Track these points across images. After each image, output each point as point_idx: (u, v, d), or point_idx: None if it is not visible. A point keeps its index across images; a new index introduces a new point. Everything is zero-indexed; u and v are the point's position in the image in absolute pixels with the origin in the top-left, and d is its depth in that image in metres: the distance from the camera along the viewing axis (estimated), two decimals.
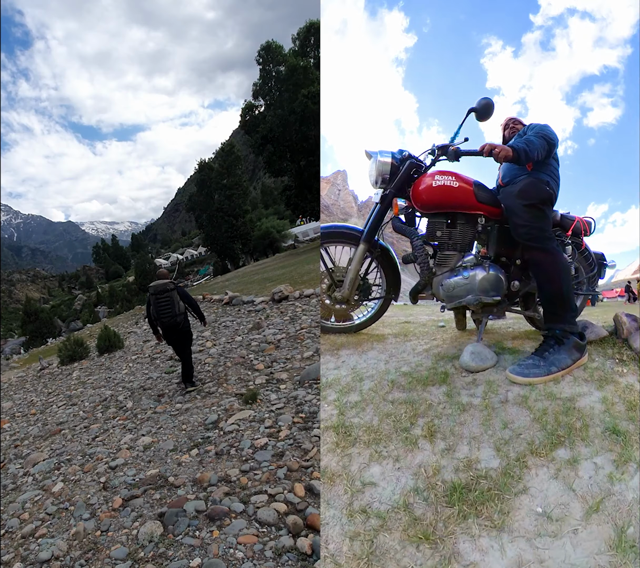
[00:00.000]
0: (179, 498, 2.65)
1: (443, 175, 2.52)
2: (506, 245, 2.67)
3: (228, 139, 50.77)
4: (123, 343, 8.83)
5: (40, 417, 5.51)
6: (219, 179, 36.74)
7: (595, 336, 2.69)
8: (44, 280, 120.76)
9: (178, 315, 4.68)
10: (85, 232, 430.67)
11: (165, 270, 5.12)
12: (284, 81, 26.84)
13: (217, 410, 3.95)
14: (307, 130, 25.20)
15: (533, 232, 2.39)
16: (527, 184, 2.53)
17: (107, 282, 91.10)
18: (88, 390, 6.19)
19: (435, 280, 2.77)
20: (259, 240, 39.29)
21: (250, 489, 2.60)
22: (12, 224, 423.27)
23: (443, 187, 2.51)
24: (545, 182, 2.61)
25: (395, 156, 2.67)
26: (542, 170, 2.65)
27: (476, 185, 2.58)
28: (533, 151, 2.44)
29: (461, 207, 2.57)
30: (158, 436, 3.75)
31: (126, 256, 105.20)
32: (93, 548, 2.41)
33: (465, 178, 2.56)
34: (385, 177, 2.67)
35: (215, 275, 37.78)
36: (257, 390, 4.08)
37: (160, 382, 5.52)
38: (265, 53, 28.09)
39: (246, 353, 5.47)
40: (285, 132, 26.16)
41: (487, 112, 2.42)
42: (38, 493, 3.30)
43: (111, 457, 3.57)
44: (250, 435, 3.25)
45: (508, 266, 2.72)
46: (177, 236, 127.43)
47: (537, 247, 2.40)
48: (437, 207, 2.58)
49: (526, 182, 2.55)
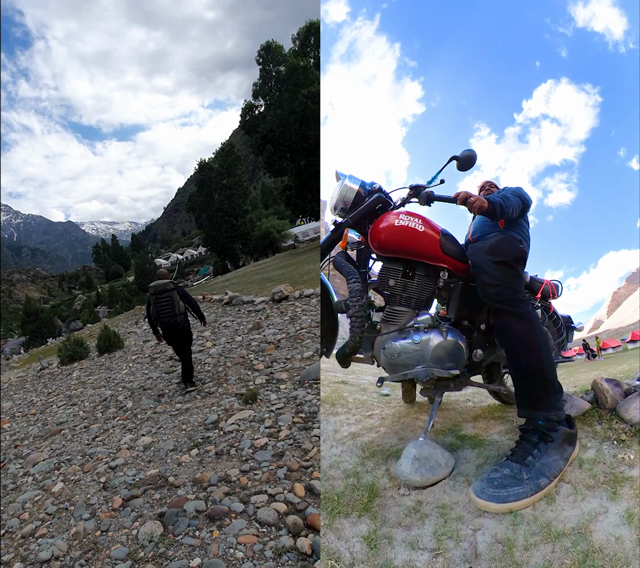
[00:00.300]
0: (179, 498, 2.65)
1: (409, 216, 2.16)
2: (470, 306, 2.29)
3: (228, 139, 50.78)
4: (123, 343, 8.83)
5: (40, 417, 5.51)
6: (219, 179, 36.73)
7: (577, 411, 2.18)
8: (44, 280, 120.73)
9: (178, 315, 4.68)
10: (85, 232, 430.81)
11: (165, 270, 5.12)
12: (284, 81, 26.84)
13: (217, 410, 3.94)
14: (307, 130, 25.20)
15: (505, 293, 2.04)
16: (499, 240, 2.27)
17: (107, 282, 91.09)
18: (88, 390, 6.19)
19: (377, 340, 2.23)
20: (259, 240, 39.29)
21: (250, 489, 2.60)
22: (12, 224, 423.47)
23: (406, 229, 2.12)
24: (518, 240, 2.40)
25: (365, 186, 2.31)
26: (515, 230, 2.47)
27: (444, 234, 2.22)
28: (508, 207, 2.25)
29: (423, 256, 2.18)
30: (158, 436, 3.74)
31: (126, 256, 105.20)
32: (93, 548, 2.41)
33: (433, 224, 2.21)
34: (347, 205, 2.28)
35: (215, 275, 37.78)
36: (257, 390, 4.08)
37: (160, 382, 5.52)
38: (265, 53, 28.11)
39: (246, 353, 5.47)
40: (285, 132, 26.16)
41: (469, 163, 2.18)
42: (38, 493, 3.29)
43: (111, 457, 3.57)
44: (250, 435, 3.25)
45: (471, 331, 2.30)
46: (177, 236, 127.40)
47: (509, 310, 2.02)
48: (395, 250, 2.17)
49: (498, 239, 2.30)
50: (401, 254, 2.19)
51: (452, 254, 2.24)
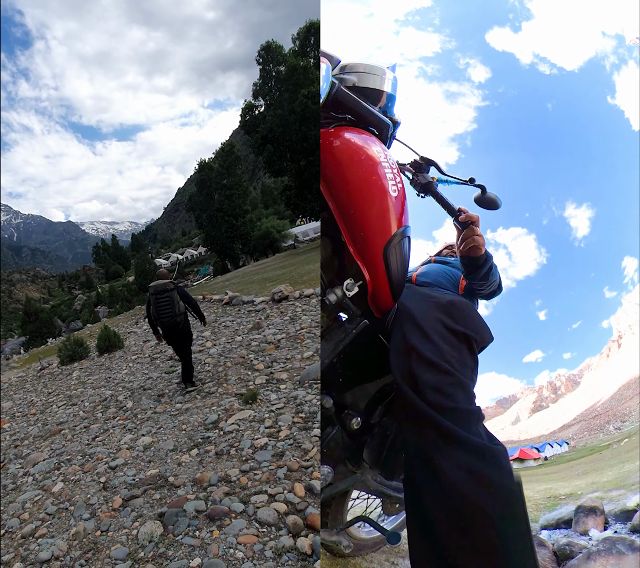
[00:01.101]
0: (179, 498, 2.65)
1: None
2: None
3: (228, 139, 50.79)
4: (123, 343, 8.83)
5: (40, 417, 5.51)
6: (219, 179, 36.74)
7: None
8: (44, 280, 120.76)
9: (178, 315, 4.68)
10: (85, 232, 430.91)
11: (165, 270, 5.12)
12: (284, 81, 26.85)
13: (217, 410, 3.94)
14: (307, 130, 25.20)
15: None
16: (462, 302, 1.52)
17: (107, 282, 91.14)
18: (88, 390, 6.19)
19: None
20: (259, 240, 39.31)
21: (250, 489, 2.60)
22: (12, 224, 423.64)
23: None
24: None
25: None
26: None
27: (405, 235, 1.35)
28: (496, 274, 1.63)
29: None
30: (158, 436, 3.75)
31: (126, 256, 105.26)
32: (93, 548, 2.41)
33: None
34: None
35: (215, 275, 37.79)
36: (257, 390, 4.08)
37: (160, 382, 5.52)
38: (265, 53, 28.12)
39: (246, 353, 5.47)
40: (285, 132, 26.17)
41: (488, 205, 1.50)
42: (38, 493, 3.29)
43: (111, 457, 3.57)
44: (250, 435, 3.25)
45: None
46: (177, 236, 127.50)
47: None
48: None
49: (461, 299, 1.57)
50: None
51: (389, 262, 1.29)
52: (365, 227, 1.21)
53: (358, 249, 1.22)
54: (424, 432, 1.08)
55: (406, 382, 1.15)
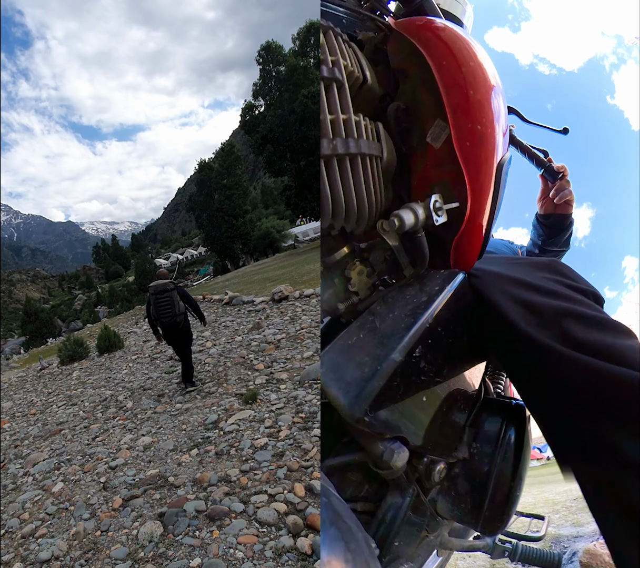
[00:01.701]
0: (179, 498, 2.65)
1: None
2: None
3: (228, 139, 50.80)
4: (123, 343, 8.83)
5: (40, 417, 5.51)
6: (219, 179, 36.74)
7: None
8: (44, 280, 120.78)
9: (178, 315, 4.68)
10: (85, 232, 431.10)
11: (165, 270, 5.12)
12: (284, 81, 26.86)
13: (217, 410, 3.95)
14: (307, 130, 25.20)
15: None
16: (560, 262, 1.16)
17: (107, 282, 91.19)
18: (88, 390, 6.19)
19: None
20: (259, 240, 39.31)
21: (250, 489, 2.60)
22: (12, 224, 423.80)
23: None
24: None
25: None
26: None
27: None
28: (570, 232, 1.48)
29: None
30: (158, 436, 3.75)
31: (126, 256, 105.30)
32: (93, 548, 2.41)
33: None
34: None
35: (215, 275, 37.80)
36: (257, 390, 4.08)
37: (160, 382, 5.52)
38: (265, 53, 28.13)
39: (246, 353, 5.47)
40: (285, 132, 26.17)
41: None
42: (38, 493, 3.29)
43: (111, 457, 3.57)
44: (250, 435, 3.25)
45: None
46: (177, 236, 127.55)
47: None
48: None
49: (557, 260, 1.23)
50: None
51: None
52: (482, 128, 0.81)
53: (465, 152, 0.80)
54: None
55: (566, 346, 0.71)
